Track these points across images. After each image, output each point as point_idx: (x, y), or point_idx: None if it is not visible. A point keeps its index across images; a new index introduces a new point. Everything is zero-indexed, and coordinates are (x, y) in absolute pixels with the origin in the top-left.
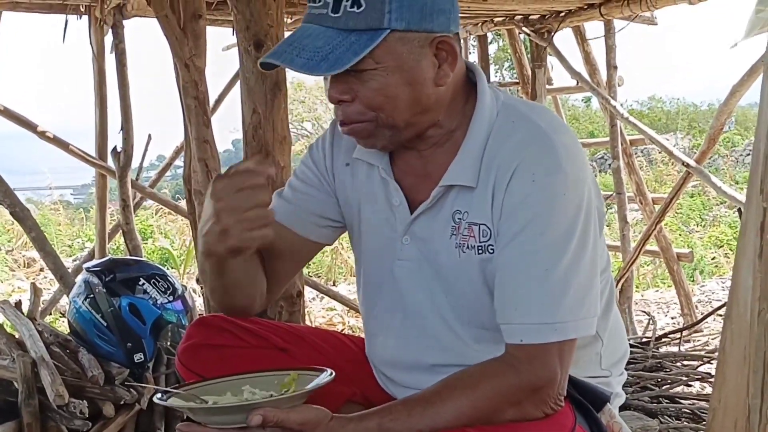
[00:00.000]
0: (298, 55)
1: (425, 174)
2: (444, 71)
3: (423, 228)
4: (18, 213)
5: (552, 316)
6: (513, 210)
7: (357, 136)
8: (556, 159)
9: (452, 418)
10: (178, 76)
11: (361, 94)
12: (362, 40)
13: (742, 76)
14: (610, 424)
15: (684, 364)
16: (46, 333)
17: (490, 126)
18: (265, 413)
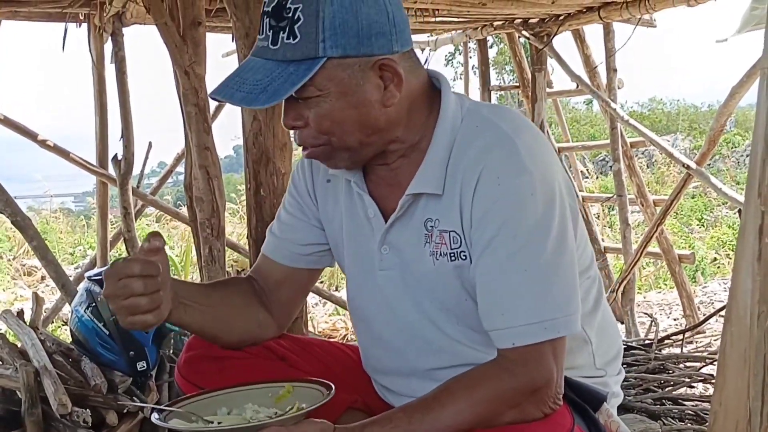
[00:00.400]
0: (238, 89)
1: (395, 184)
2: (390, 92)
3: (398, 237)
4: (19, 222)
5: (539, 315)
6: (483, 216)
7: (317, 158)
8: (519, 160)
9: (452, 422)
10: (178, 83)
11: (310, 120)
12: (300, 70)
13: (742, 78)
14: (607, 424)
15: (687, 366)
16: (49, 342)
17: (454, 133)
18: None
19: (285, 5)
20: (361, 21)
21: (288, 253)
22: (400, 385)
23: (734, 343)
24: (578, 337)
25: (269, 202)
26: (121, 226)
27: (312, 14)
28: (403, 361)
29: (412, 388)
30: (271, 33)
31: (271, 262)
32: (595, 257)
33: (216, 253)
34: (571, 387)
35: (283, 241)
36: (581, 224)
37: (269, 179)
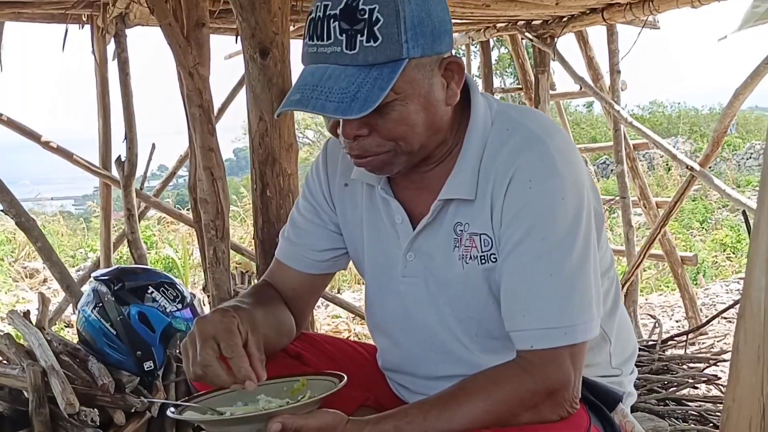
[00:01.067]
0: (328, 99)
1: (424, 188)
2: (452, 90)
3: (426, 242)
4: (24, 223)
5: (560, 320)
6: (513, 218)
7: (374, 167)
8: (551, 163)
9: (468, 422)
10: (182, 84)
11: (380, 127)
12: (384, 73)
13: (746, 80)
14: (622, 424)
15: (690, 367)
16: (56, 342)
17: (485, 136)
18: (284, 420)
19: (357, 7)
20: (434, 19)
21: (305, 260)
22: (417, 385)
23: (748, 339)
24: (598, 336)
25: (275, 203)
26: (124, 227)
27: (392, 14)
28: (421, 367)
29: (429, 388)
30: (344, 37)
31: (287, 269)
32: None
33: (221, 254)
34: (587, 387)
35: (299, 248)
36: (604, 227)
37: (275, 180)
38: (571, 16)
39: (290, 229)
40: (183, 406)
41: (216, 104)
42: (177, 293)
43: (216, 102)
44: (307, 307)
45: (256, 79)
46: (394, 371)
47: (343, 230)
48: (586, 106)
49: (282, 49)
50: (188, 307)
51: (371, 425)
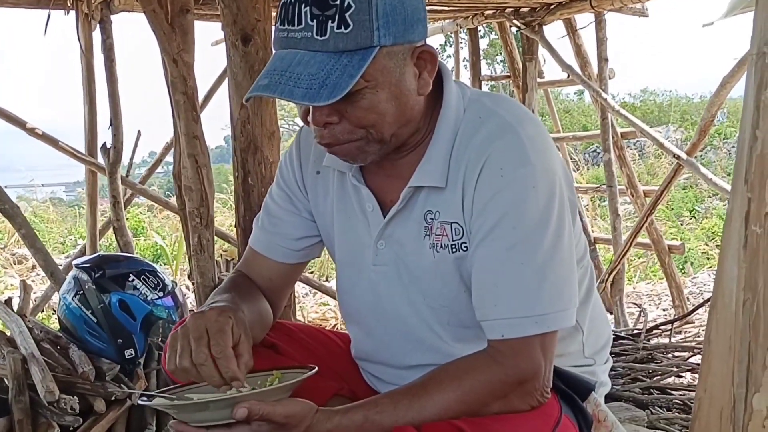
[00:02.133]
0: (296, 86)
1: (395, 176)
2: (424, 80)
3: (396, 231)
4: (8, 210)
5: (531, 309)
6: (484, 207)
7: (345, 155)
8: (523, 152)
9: (438, 411)
10: (167, 71)
11: (349, 114)
12: (354, 60)
13: (733, 68)
14: (595, 413)
15: (675, 356)
16: (37, 330)
17: (456, 124)
18: (251, 406)
19: None
20: (407, 8)
21: (280, 249)
22: (389, 375)
23: (719, 330)
24: (570, 327)
25: (257, 191)
26: (110, 215)
27: (364, 1)
28: (393, 356)
29: (401, 377)
30: (315, 23)
31: (262, 259)
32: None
33: (205, 242)
34: (559, 376)
35: (274, 237)
36: (577, 215)
37: (257, 168)
38: (559, 3)
39: (264, 217)
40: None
41: (203, 91)
42: (158, 281)
43: (203, 89)
44: (282, 296)
45: (238, 66)
46: (366, 360)
47: (316, 218)
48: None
49: (264, 36)
50: (169, 295)
51: (340, 415)
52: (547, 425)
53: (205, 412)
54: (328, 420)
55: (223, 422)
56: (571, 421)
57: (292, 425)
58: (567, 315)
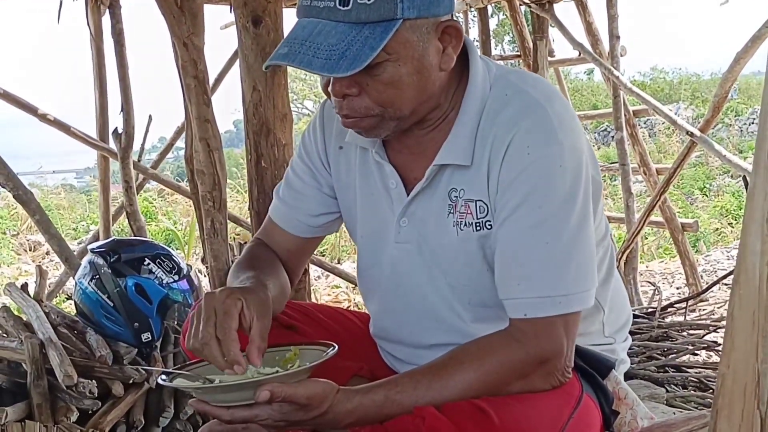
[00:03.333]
0: (315, 56)
1: (419, 153)
2: (448, 55)
3: (420, 208)
4: (21, 196)
5: (554, 289)
6: (510, 184)
7: (363, 128)
8: (550, 130)
9: (459, 391)
10: (177, 55)
11: (370, 88)
12: (376, 32)
13: (746, 44)
14: (615, 391)
15: (690, 333)
16: (53, 314)
17: (483, 101)
18: (273, 389)
19: None
20: None
21: (299, 224)
22: (408, 354)
23: (743, 305)
24: (591, 305)
25: (270, 173)
26: (122, 200)
27: None
28: (412, 334)
29: (419, 357)
30: None
31: (281, 232)
32: None
33: (218, 225)
34: (580, 355)
35: (293, 210)
36: (601, 195)
37: (270, 150)
38: None
39: (285, 189)
40: (174, 374)
41: (213, 75)
42: (173, 265)
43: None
44: (299, 266)
45: (249, 48)
46: (385, 339)
47: (338, 193)
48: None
49: (275, 18)
50: (185, 279)
51: (361, 395)
52: (568, 404)
53: (228, 393)
54: (348, 400)
55: (246, 402)
56: (592, 400)
57: (313, 406)
58: (589, 295)
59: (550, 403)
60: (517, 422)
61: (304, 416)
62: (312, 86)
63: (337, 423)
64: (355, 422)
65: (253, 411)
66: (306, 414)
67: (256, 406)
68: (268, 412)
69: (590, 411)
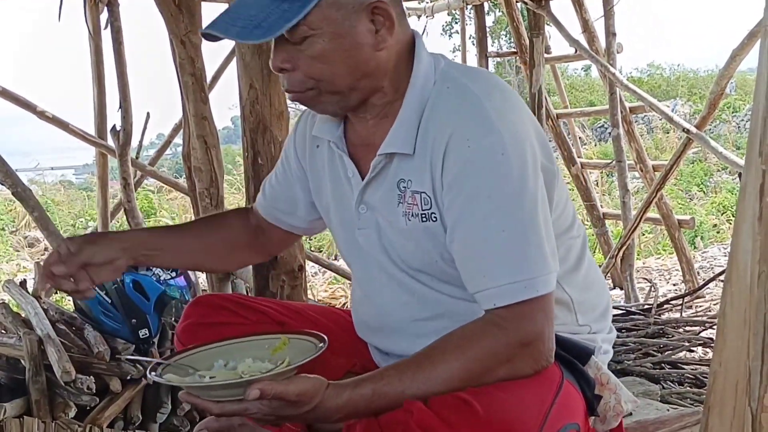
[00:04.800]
0: (233, 24)
1: (371, 144)
2: (381, 36)
3: (373, 196)
4: (20, 193)
5: (519, 274)
6: (455, 179)
7: (305, 103)
8: (488, 121)
9: (443, 380)
10: (175, 52)
11: (301, 62)
12: (294, 7)
13: (742, 40)
14: (597, 377)
15: (686, 330)
16: (52, 311)
17: (425, 94)
18: (263, 387)
19: None
20: None
21: (275, 216)
22: (390, 344)
23: (734, 303)
24: (556, 294)
25: (267, 171)
26: (121, 196)
27: None
28: (389, 317)
29: (401, 347)
30: None
31: (261, 217)
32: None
33: None
34: (558, 343)
35: (271, 202)
36: (561, 185)
37: (266, 147)
38: None
39: (268, 180)
40: (164, 366)
41: (210, 72)
42: None
43: (210, 70)
44: (281, 243)
45: (246, 46)
46: (368, 331)
47: (315, 192)
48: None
49: None
50: (182, 275)
51: (350, 390)
52: (549, 390)
53: (218, 390)
54: (338, 395)
55: (237, 398)
56: (573, 386)
57: (303, 402)
58: (553, 278)
59: (532, 391)
60: (501, 411)
61: (294, 412)
62: None
63: (327, 418)
64: (344, 417)
65: (243, 405)
66: (296, 410)
67: (245, 401)
68: (258, 406)
69: (572, 396)
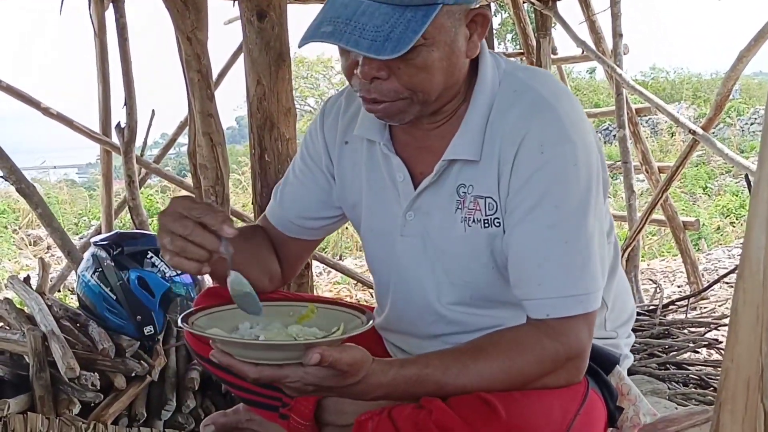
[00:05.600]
0: (361, 36)
1: (427, 147)
2: (474, 42)
3: (427, 203)
4: (24, 189)
5: (576, 288)
6: (524, 184)
7: (386, 114)
8: (562, 129)
9: (487, 382)
10: (181, 49)
11: (401, 72)
12: (418, 16)
13: (749, 42)
14: (619, 386)
15: (691, 331)
16: (56, 307)
17: (492, 97)
18: (323, 352)
19: None
20: None
21: (293, 227)
22: (413, 346)
23: (747, 299)
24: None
25: (274, 168)
26: (125, 194)
27: None
28: (415, 327)
29: (423, 349)
30: None
31: (275, 230)
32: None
33: None
34: None
35: (287, 212)
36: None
37: (274, 144)
38: None
39: (283, 189)
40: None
41: (216, 70)
42: None
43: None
44: (297, 261)
45: (254, 43)
46: (389, 330)
47: (341, 190)
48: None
49: (279, 12)
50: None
51: (396, 368)
52: (575, 400)
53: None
54: (383, 372)
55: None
56: (597, 395)
57: (351, 373)
58: (600, 294)
59: (558, 399)
60: (524, 417)
61: (339, 383)
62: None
63: (365, 394)
64: (383, 395)
65: (284, 371)
66: (341, 381)
67: (287, 367)
68: (300, 374)
69: (596, 407)
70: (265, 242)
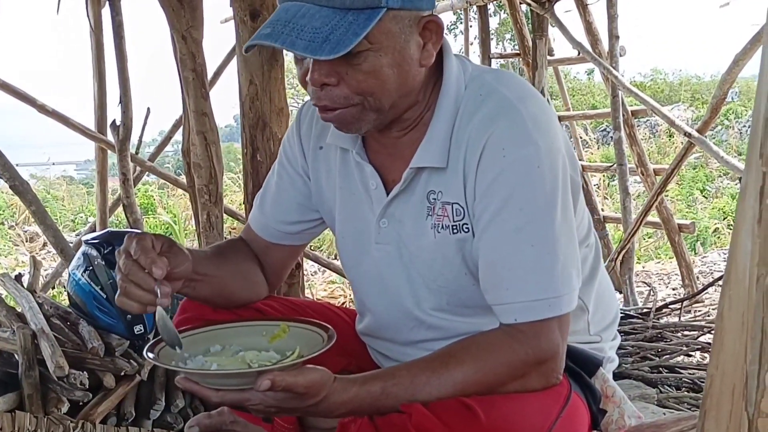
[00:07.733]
0: (298, 37)
1: (396, 155)
2: (428, 51)
3: (399, 210)
4: (18, 186)
5: (545, 291)
6: (487, 188)
7: (340, 122)
8: (525, 131)
9: (456, 389)
10: (176, 48)
11: (349, 77)
12: (360, 19)
13: (745, 45)
14: (603, 389)
15: (684, 335)
16: (46, 305)
17: (457, 102)
18: (274, 378)
19: None
20: None
21: (276, 232)
22: (395, 352)
23: (732, 306)
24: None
25: (266, 167)
26: (120, 192)
27: None
28: (396, 333)
29: (405, 354)
30: None
31: (258, 237)
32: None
33: (214, 219)
34: (567, 353)
35: (269, 218)
36: (581, 194)
37: (266, 144)
38: None
39: (264, 195)
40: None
41: (212, 69)
42: None
43: (212, 67)
44: (282, 268)
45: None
46: (370, 336)
47: (317, 196)
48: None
49: (272, 11)
50: None
51: (358, 386)
52: (556, 403)
53: (225, 379)
54: (344, 390)
55: (239, 387)
56: (580, 398)
57: (310, 395)
58: (575, 296)
59: (539, 402)
60: (504, 421)
61: (299, 404)
62: None
63: (329, 412)
64: (348, 413)
65: (245, 395)
66: (301, 402)
67: (247, 391)
68: (260, 397)
69: (578, 410)
70: (247, 254)
